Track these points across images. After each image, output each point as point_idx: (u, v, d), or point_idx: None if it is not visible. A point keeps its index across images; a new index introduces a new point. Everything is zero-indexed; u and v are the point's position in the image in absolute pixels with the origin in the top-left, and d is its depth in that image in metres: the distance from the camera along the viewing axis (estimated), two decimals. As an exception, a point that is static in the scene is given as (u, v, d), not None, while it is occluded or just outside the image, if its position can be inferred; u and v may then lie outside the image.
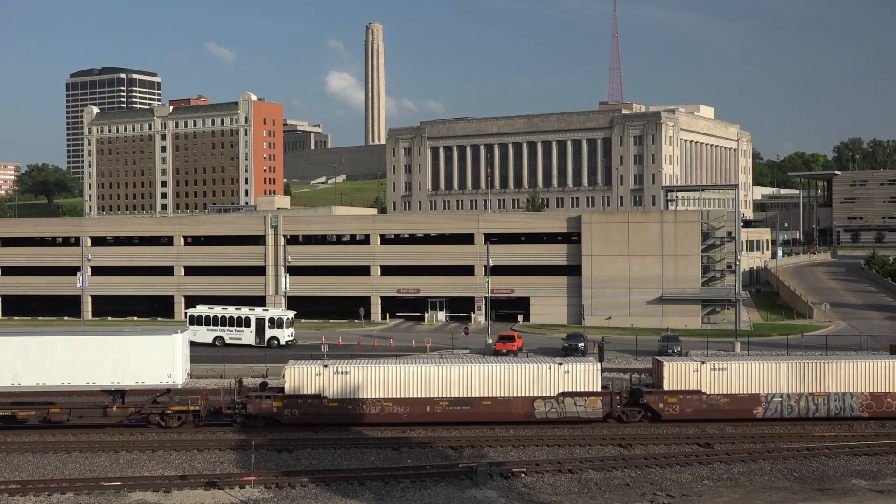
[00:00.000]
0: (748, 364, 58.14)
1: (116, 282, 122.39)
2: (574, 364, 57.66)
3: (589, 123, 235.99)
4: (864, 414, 57.72)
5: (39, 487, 44.56)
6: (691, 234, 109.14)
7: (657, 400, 57.44)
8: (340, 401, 56.49)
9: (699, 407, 57.33)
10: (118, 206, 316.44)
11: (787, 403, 57.44)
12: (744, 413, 57.49)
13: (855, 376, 57.86)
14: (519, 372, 57.07)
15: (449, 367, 57.29)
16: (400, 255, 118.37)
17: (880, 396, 57.71)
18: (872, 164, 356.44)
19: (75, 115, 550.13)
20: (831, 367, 57.93)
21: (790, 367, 57.86)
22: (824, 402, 57.58)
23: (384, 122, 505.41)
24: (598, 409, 56.74)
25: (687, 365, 58.01)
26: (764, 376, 57.63)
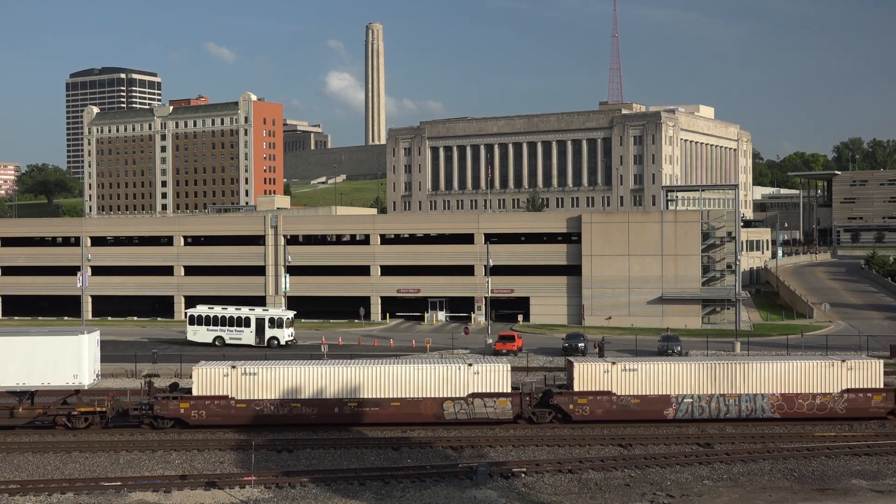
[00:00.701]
0: (659, 365, 57.99)
1: (116, 282, 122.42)
2: (484, 365, 57.48)
3: (589, 123, 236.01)
4: (776, 415, 57.47)
5: (39, 487, 44.56)
6: (691, 234, 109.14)
7: (567, 401, 57.25)
8: (248, 402, 56.41)
9: (609, 408, 57.14)
10: (118, 206, 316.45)
11: (698, 404, 57.25)
12: (654, 414, 57.35)
13: (766, 377, 57.57)
14: (428, 373, 56.98)
15: (358, 368, 57.25)
16: (400, 255, 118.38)
17: (792, 397, 57.43)
18: (872, 164, 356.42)
19: (75, 115, 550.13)
20: (742, 369, 57.68)
21: (701, 369, 57.65)
22: (735, 403, 57.34)
23: (384, 122, 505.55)
24: (508, 411, 56.56)
25: (598, 366, 57.83)
26: (675, 377, 57.46)
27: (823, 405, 57.48)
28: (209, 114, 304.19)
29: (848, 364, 58.01)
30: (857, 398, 57.51)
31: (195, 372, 57.12)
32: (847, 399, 57.49)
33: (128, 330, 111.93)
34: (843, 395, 57.53)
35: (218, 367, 57.19)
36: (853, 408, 57.54)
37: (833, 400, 57.45)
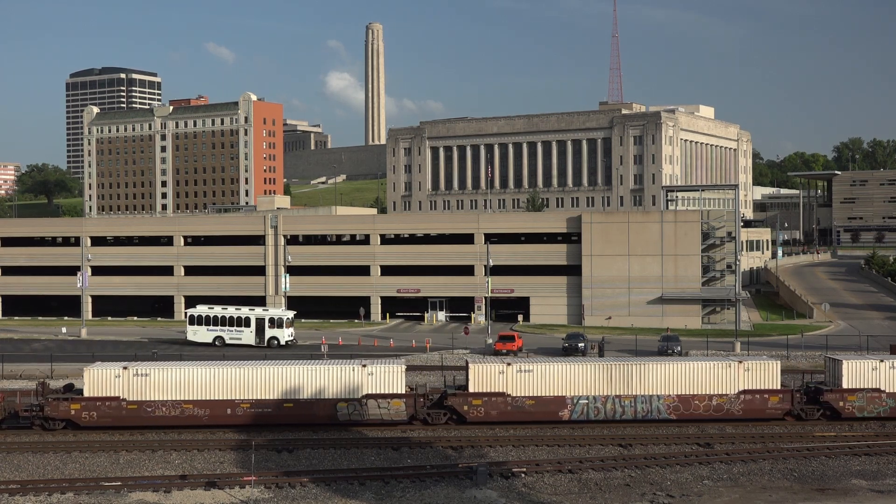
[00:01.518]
0: (554, 366, 57.73)
1: (116, 282, 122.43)
2: (378, 366, 57.33)
3: (589, 123, 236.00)
4: (672, 416, 57.24)
5: (39, 487, 44.56)
6: (691, 234, 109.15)
7: (462, 402, 56.97)
8: (139, 403, 56.31)
9: (504, 409, 56.87)
10: (118, 206, 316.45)
11: (594, 406, 57.08)
12: (549, 415, 57.10)
13: (662, 378, 57.36)
14: (321, 374, 56.83)
15: (250, 369, 57.08)
16: (400, 255, 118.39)
17: (687, 399, 57.20)
18: (872, 164, 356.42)
19: (75, 115, 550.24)
20: (639, 370, 57.47)
21: (597, 370, 57.47)
22: (631, 405, 57.14)
23: (384, 122, 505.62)
24: (402, 412, 56.45)
25: (493, 367, 57.52)
26: (570, 379, 57.26)
27: (720, 406, 57.12)
28: (209, 114, 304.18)
29: (745, 365, 57.69)
30: (753, 399, 57.20)
31: (86, 373, 56.75)
32: (744, 400, 57.16)
33: (128, 330, 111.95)
34: (739, 397, 57.19)
35: (109, 368, 56.93)
36: (750, 409, 57.21)
37: (729, 401, 57.12)
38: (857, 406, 57.69)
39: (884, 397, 57.78)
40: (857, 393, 57.73)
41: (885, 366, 58.11)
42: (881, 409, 57.78)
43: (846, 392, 57.90)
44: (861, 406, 57.70)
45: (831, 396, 58.07)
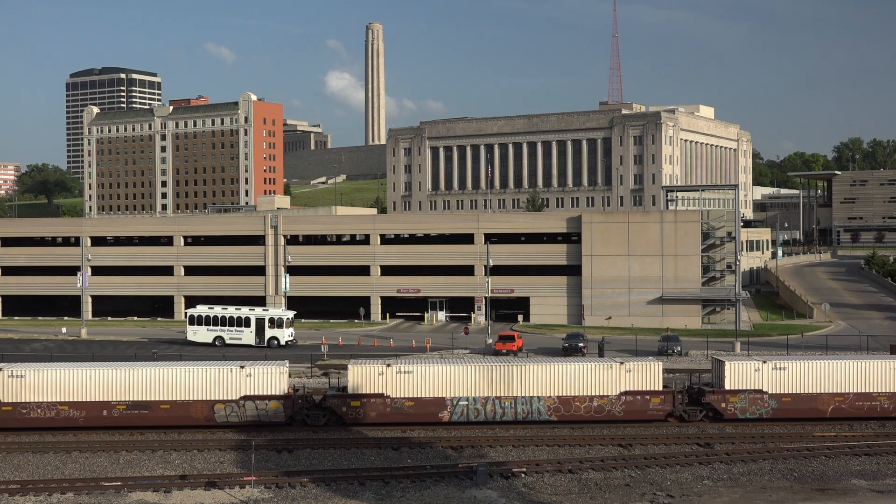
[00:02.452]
0: (434, 367, 57.52)
1: (116, 282, 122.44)
2: (257, 367, 57.24)
3: (589, 123, 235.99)
4: (553, 417, 57.13)
5: (39, 487, 44.58)
6: (691, 234, 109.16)
7: (340, 404, 56.94)
8: (14, 404, 56.09)
9: (383, 410, 56.77)
10: (118, 206, 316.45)
11: (474, 407, 56.92)
12: (429, 417, 56.96)
13: (543, 380, 57.17)
14: (199, 375, 56.80)
15: (127, 370, 57.01)
16: (400, 255, 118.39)
17: (568, 400, 57.04)
18: (872, 164, 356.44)
19: (75, 115, 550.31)
20: (519, 371, 57.29)
21: (477, 371, 57.27)
22: (511, 406, 56.97)
23: (384, 122, 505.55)
24: (281, 413, 56.42)
25: (372, 368, 57.36)
26: (450, 380, 57.09)
27: (601, 408, 57.03)
28: (209, 114, 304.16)
29: (627, 366, 57.56)
30: (634, 401, 57.09)
31: None
32: (625, 402, 57.09)
33: (128, 330, 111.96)
34: (620, 398, 57.08)
35: None
36: (631, 410, 57.13)
37: (611, 402, 57.03)
38: (740, 407, 57.33)
39: (766, 398, 57.40)
40: (740, 394, 57.43)
41: (767, 367, 57.66)
42: (763, 410, 57.42)
43: (728, 393, 57.57)
44: (743, 407, 57.34)
45: (713, 398, 57.78)
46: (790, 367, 57.92)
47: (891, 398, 57.76)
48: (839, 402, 57.68)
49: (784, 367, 57.80)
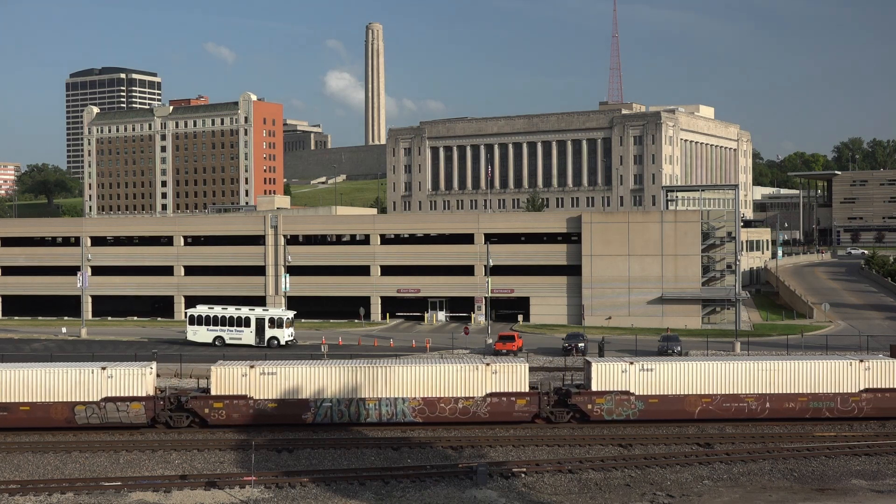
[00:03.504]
0: (298, 368, 57.25)
1: (116, 282, 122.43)
2: (119, 369, 56.90)
3: (589, 123, 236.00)
4: (417, 419, 56.83)
5: (39, 487, 44.58)
6: (691, 234, 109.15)
7: (202, 405, 56.73)
8: None
9: (247, 412, 56.57)
10: (118, 206, 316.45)
11: (338, 408, 56.72)
12: (292, 418, 56.77)
13: (408, 381, 56.84)
14: (59, 377, 56.50)
15: None
16: (400, 255, 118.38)
17: (434, 401, 56.70)
18: (872, 164, 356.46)
19: (75, 115, 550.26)
20: (384, 372, 57.01)
21: (342, 372, 57.00)
22: (375, 407, 56.67)
23: (384, 122, 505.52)
24: (142, 415, 56.19)
25: (236, 369, 57.15)
26: (314, 381, 56.81)
27: (466, 409, 56.66)
28: (209, 114, 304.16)
29: (493, 368, 57.24)
30: (500, 402, 56.70)
31: None
32: (490, 403, 56.72)
33: (128, 330, 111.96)
34: (486, 400, 56.72)
35: None
36: (497, 412, 56.71)
37: (476, 404, 56.68)
38: (606, 409, 57.04)
39: (633, 400, 57.05)
40: (606, 395, 57.12)
41: (634, 368, 57.36)
42: (630, 411, 57.07)
43: (595, 395, 57.23)
44: (610, 409, 57.04)
45: (579, 399, 57.43)
46: (658, 368, 57.55)
47: (758, 399, 57.29)
48: (706, 404, 57.20)
49: (651, 369, 57.42)
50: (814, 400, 57.58)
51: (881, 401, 57.69)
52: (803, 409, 57.57)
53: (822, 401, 57.58)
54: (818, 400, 57.59)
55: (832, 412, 57.55)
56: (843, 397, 57.62)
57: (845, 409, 57.59)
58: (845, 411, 57.60)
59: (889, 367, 58.26)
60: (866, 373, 57.92)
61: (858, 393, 57.70)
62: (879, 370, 58.13)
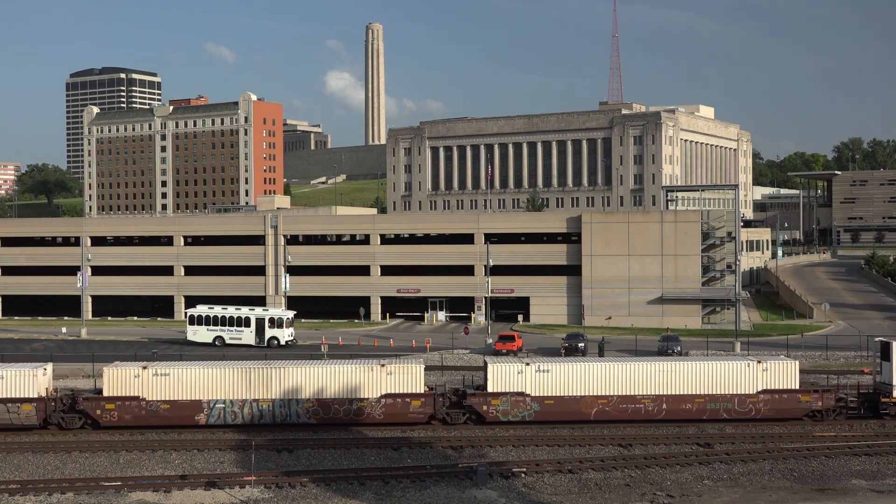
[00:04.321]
0: (191, 370, 56.96)
1: (116, 282, 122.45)
2: (10, 370, 56.29)
3: (589, 123, 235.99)
4: (312, 420, 56.54)
5: (39, 487, 44.57)
6: (691, 234, 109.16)
7: (94, 406, 56.36)
8: None
9: (138, 413, 56.19)
10: (118, 206, 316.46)
11: (231, 410, 56.40)
12: (185, 420, 56.50)
13: (303, 382, 56.52)
14: None
15: None
16: (400, 255, 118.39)
17: (327, 402, 56.36)
18: (872, 164, 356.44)
19: (75, 115, 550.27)
20: (278, 373, 56.61)
21: (235, 373, 56.70)
22: (269, 408, 56.37)
23: (384, 121, 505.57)
24: (33, 416, 55.50)
25: (128, 370, 56.75)
26: (207, 382, 56.51)
27: (360, 410, 56.43)
28: (209, 114, 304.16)
29: (388, 369, 57.02)
30: (395, 403, 56.46)
31: None
32: (385, 404, 56.45)
33: (128, 330, 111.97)
34: (380, 401, 56.45)
35: None
36: (392, 413, 56.46)
37: (371, 405, 56.50)
38: (502, 410, 56.71)
39: (528, 401, 56.72)
40: (501, 397, 56.76)
41: (530, 369, 57.00)
42: (525, 413, 56.79)
43: (490, 396, 56.87)
44: (505, 410, 56.73)
45: (474, 400, 57.00)
46: (554, 369, 57.26)
47: (655, 401, 57.00)
48: (603, 405, 56.90)
49: (548, 370, 57.14)
50: (711, 401, 57.19)
51: (778, 402, 57.34)
52: (700, 411, 57.24)
53: (719, 402, 57.19)
54: (715, 401, 57.20)
55: (730, 413, 57.17)
56: (740, 398, 57.20)
57: (743, 410, 57.18)
58: (743, 412, 57.20)
59: (787, 367, 57.93)
60: (764, 374, 57.54)
61: (756, 394, 57.29)
62: (777, 371, 57.72)
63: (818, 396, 57.76)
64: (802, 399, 57.61)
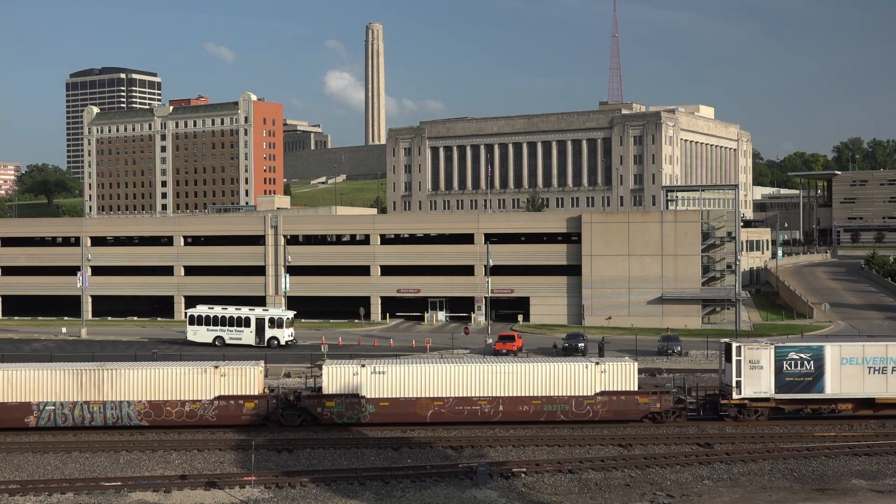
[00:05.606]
0: (22, 372, 56.43)
1: (116, 282, 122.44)
2: None
3: (589, 123, 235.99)
4: (144, 422, 56.30)
5: (39, 487, 44.58)
6: (691, 234, 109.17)
7: None
8: None
9: None
10: (118, 206, 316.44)
11: (62, 412, 55.97)
12: (15, 422, 55.93)
13: (135, 384, 56.32)
14: None
15: None
16: (400, 255, 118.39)
17: (159, 405, 56.22)
18: (872, 164, 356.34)
19: (75, 115, 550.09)
20: (110, 375, 56.39)
21: (66, 375, 56.30)
22: (100, 411, 56.02)
23: (384, 121, 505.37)
24: None
25: None
26: (38, 384, 56.03)
27: (193, 412, 56.26)
28: (209, 114, 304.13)
29: (221, 370, 56.83)
30: (228, 405, 56.35)
31: None
32: (218, 406, 56.29)
33: (128, 330, 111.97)
34: (213, 403, 56.28)
35: None
36: (225, 415, 56.30)
37: (203, 407, 56.33)
38: (336, 412, 56.58)
39: (363, 403, 56.59)
40: (336, 398, 56.65)
41: (366, 371, 56.86)
42: (361, 414, 56.54)
43: (325, 398, 56.76)
44: (340, 412, 56.57)
45: (309, 402, 56.84)
46: (390, 371, 57.12)
47: (491, 402, 56.77)
48: (439, 407, 56.69)
49: (384, 372, 57.01)
50: (548, 403, 56.96)
51: (616, 403, 57.11)
52: (538, 412, 56.99)
53: (556, 404, 56.98)
54: (552, 403, 56.98)
55: (567, 415, 56.98)
56: (577, 400, 56.98)
57: (580, 412, 56.98)
58: (580, 414, 57.00)
59: (625, 369, 57.75)
60: (602, 375, 57.33)
61: (594, 396, 57.07)
62: (615, 373, 57.54)
63: (657, 398, 57.52)
64: (640, 401, 57.41)
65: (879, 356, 58.53)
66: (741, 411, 58.37)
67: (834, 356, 58.35)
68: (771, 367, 58.01)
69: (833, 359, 58.31)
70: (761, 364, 58.00)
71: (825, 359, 58.25)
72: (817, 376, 58.21)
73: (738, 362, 58.01)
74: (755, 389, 58.05)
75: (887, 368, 58.38)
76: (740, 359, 57.98)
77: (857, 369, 58.36)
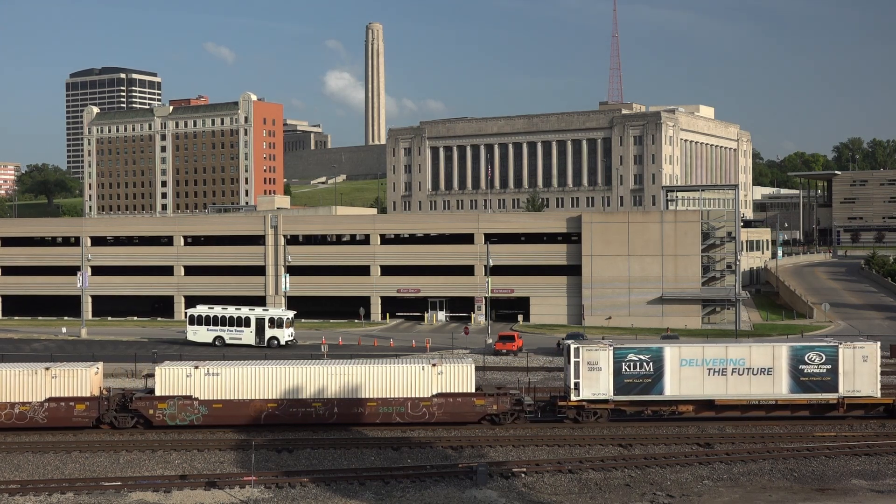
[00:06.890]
0: None
1: (116, 282, 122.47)
2: None
3: (589, 123, 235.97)
4: None
5: (39, 487, 44.57)
6: (691, 234, 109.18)
7: None
8: None
9: None
10: (118, 206, 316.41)
11: None
12: None
13: None
14: None
15: None
16: (400, 255, 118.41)
17: None
18: (872, 164, 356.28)
19: (75, 115, 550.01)
20: None
21: None
22: None
23: (384, 121, 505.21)
24: None
25: None
26: None
27: (23, 414, 55.60)
28: (209, 114, 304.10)
29: (52, 372, 56.08)
30: (58, 407, 55.60)
31: None
32: (48, 408, 55.59)
33: (128, 330, 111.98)
34: (44, 405, 55.59)
35: None
36: (56, 417, 55.63)
37: (34, 409, 55.58)
38: (169, 414, 56.05)
39: (196, 405, 56.12)
40: (168, 400, 56.08)
41: (199, 372, 56.40)
42: (194, 416, 56.13)
43: (157, 399, 56.20)
44: (172, 414, 56.07)
45: (140, 404, 56.32)
46: (224, 372, 56.77)
47: (326, 405, 56.47)
48: (272, 409, 56.36)
49: (218, 373, 56.68)
50: (384, 405, 56.56)
51: (453, 405, 56.64)
52: (373, 415, 56.56)
53: (392, 406, 56.54)
54: (388, 405, 56.55)
55: (403, 417, 56.53)
56: (413, 402, 56.51)
57: (416, 414, 56.51)
58: (416, 416, 56.50)
59: (462, 370, 57.24)
60: (439, 377, 56.87)
61: (430, 398, 56.64)
62: (453, 374, 57.08)
63: (493, 400, 56.93)
64: (477, 403, 56.89)
65: (719, 357, 57.78)
66: (580, 413, 57.57)
67: (674, 357, 57.52)
68: (610, 369, 57.20)
69: (672, 360, 57.49)
70: (600, 365, 57.21)
71: (665, 360, 57.42)
72: (657, 378, 57.42)
73: (576, 363, 57.25)
74: (594, 391, 57.30)
75: (727, 370, 57.62)
76: (579, 360, 57.21)
77: (697, 371, 57.57)
